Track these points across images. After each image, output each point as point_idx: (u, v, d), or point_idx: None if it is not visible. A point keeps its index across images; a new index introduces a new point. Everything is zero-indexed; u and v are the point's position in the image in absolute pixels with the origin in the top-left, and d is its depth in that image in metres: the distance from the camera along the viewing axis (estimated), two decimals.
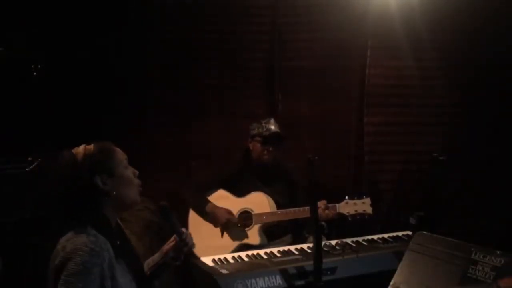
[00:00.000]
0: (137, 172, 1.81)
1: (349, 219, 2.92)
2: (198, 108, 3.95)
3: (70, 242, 1.58)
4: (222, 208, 3.07)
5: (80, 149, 1.72)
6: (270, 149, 3.16)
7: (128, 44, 3.82)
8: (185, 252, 1.94)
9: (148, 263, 1.96)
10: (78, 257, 1.53)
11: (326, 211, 2.89)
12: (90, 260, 1.54)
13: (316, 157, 2.24)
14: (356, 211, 2.90)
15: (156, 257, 1.97)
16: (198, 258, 2.50)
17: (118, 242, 1.70)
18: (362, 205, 2.91)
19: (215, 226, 3.08)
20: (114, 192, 1.69)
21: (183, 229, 1.94)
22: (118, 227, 1.81)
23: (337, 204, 2.92)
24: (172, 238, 1.95)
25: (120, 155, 1.78)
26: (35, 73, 3.40)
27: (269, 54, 3.94)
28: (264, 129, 3.15)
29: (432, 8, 3.57)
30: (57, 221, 1.67)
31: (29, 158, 3.13)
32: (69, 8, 3.66)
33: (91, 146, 1.73)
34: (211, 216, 3.06)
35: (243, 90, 3.98)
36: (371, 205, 2.93)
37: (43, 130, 3.39)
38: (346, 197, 2.94)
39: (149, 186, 1.83)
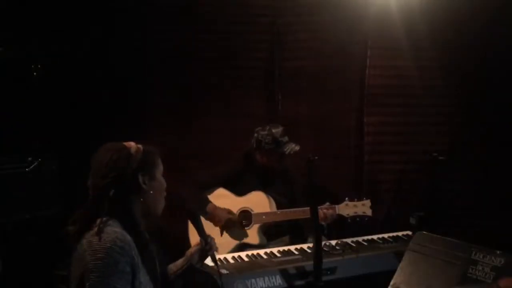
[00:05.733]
0: (166, 184, 1.84)
1: (349, 220, 2.91)
2: (198, 108, 3.94)
3: (97, 238, 1.53)
4: (222, 208, 3.07)
5: (132, 144, 1.75)
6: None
7: (128, 44, 3.82)
8: (209, 255, 1.98)
9: (171, 268, 1.96)
10: (109, 257, 1.50)
11: (325, 210, 2.89)
12: (121, 259, 1.52)
13: (316, 157, 2.24)
14: (355, 213, 2.89)
15: (179, 262, 1.98)
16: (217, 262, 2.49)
17: (144, 242, 1.69)
18: (362, 207, 2.90)
19: (215, 225, 3.09)
20: (151, 192, 1.72)
21: (208, 233, 1.99)
22: (148, 232, 1.79)
23: (336, 206, 2.91)
24: (198, 242, 1.99)
25: (160, 162, 1.82)
26: (35, 73, 3.41)
27: (269, 54, 3.93)
28: (286, 148, 3.11)
29: (432, 8, 3.57)
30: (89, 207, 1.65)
31: (29, 158, 3.13)
32: (69, 9, 3.66)
33: (141, 146, 1.76)
34: (211, 216, 3.06)
35: (243, 90, 3.97)
36: (371, 207, 2.92)
37: (43, 130, 3.39)
38: (346, 199, 2.93)
39: None
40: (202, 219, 3.08)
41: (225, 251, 2.93)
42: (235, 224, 3.08)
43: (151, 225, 1.77)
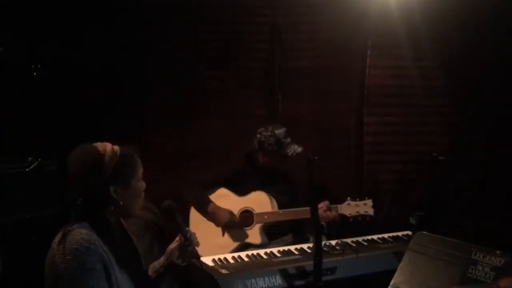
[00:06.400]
0: (145, 185, 1.79)
1: (351, 220, 2.92)
2: (198, 108, 3.95)
3: (64, 241, 1.55)
4: (223, 209, 3.07)
5: (108, 149, 1.67)
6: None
7: (128, 45, 3.82)
8: (190, 251, 1.92)
9: (154, 266, 1.94)
10: (77, 258, 1.52)
11: (328, 212, 2.89)
12: (89, 259, 1.53)
13: (316, 157, 2.24)
14: (357, 212, 2.90)
15: (161, 260, 1.94)
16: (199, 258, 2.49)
17: (117, 247, 1.68)
18: (364, 207, 2.91)
19: (217, 225, 3.09)
20: (121, 203, 1.68)
21: (188, 228, 1.94)
22: (122, 231, 1.80)
23: (338, 205, 2.92)
24: (177, 238, 1.94)
25: (139, 166, 1.76)
26: (35, 73, 3.40)
27: (269, 54, 3.94)
28: (288, 149, 3.11)
29: (432, 8, 3.57)
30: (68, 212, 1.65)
31: (29, 158, 3.13)
32: (69, 9, 3.66)
33: (117, 149, 1.69)
34: (212, 216, 3.06)
35: (243, 90, 3.97)
36: (373, 206, 2.93)
37: (43, 130, 3.38)
38: (348, 198, 2.93)
39: (150, 187, 1.83)
40: (204, 219, 3.11)
41: (227, 251, 2.93)
42: (235, 226, 3.08)
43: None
